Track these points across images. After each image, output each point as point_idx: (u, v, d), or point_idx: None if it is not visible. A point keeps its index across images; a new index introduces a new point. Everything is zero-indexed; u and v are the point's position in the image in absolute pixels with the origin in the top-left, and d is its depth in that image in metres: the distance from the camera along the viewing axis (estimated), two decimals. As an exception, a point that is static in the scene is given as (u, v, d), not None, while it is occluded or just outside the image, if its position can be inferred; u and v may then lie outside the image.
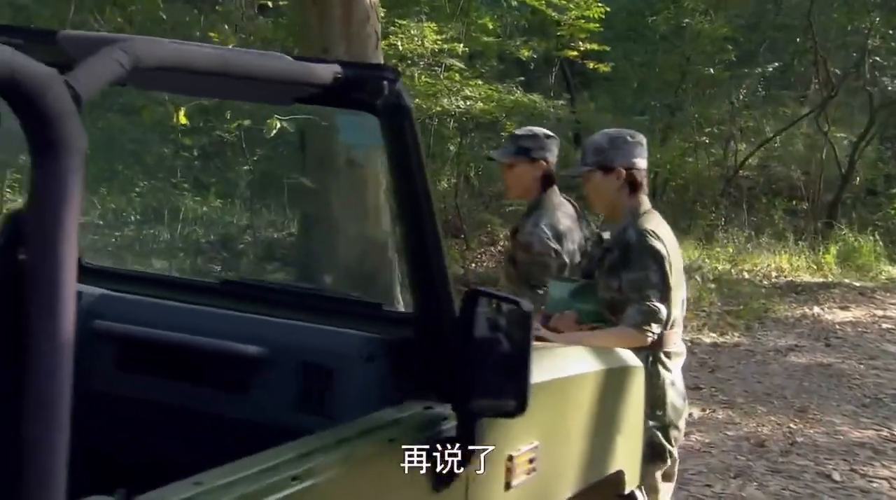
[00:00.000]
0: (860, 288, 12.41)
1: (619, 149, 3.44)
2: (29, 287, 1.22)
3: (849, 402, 7.13)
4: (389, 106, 1.83)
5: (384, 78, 1.84)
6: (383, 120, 1.85)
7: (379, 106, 1.83)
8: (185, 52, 1.54)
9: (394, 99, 1.83)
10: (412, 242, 1.93)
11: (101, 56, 1.44)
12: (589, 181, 3.51)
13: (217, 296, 2.26)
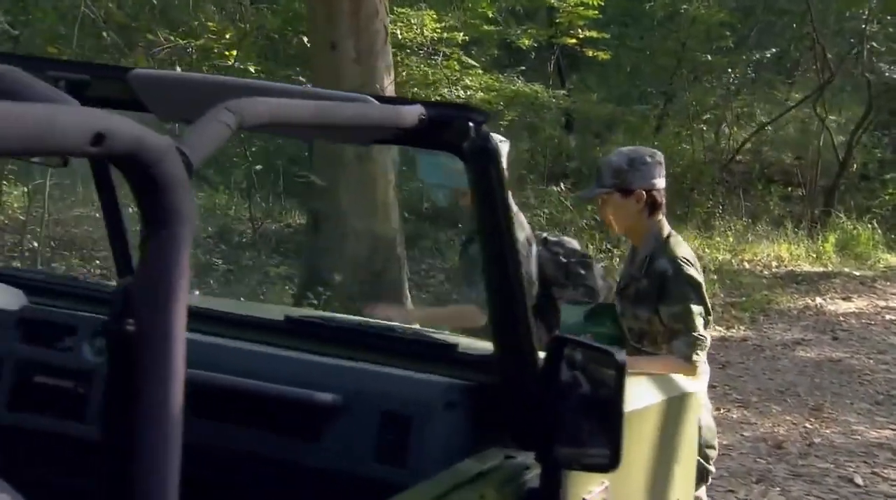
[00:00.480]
0: (860, 278, 12.39)
1: (638, 170, 3.33)
2: (138, 357, 1.18)
3: (862, 399, 7.08)
4: (476, 149, 1.73)
5: (470, 119, 1.74)
6: (469, 162, 1.76)
7: (465, 149, 1.74)
8: (285, 108, 1.47)
9: (481, 142, 1.73)
10: (495, 284, 1.85)
11: (210, 120, 1.36)
12: (607, 203, 3.41)
13: (281, 334, 2.16)
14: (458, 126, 1.74)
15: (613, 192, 3.34)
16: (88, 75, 1.98)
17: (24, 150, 1.10)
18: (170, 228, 1.18)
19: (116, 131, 1.18)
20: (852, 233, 14.07)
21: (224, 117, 1.37)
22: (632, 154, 3.40)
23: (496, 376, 1.93)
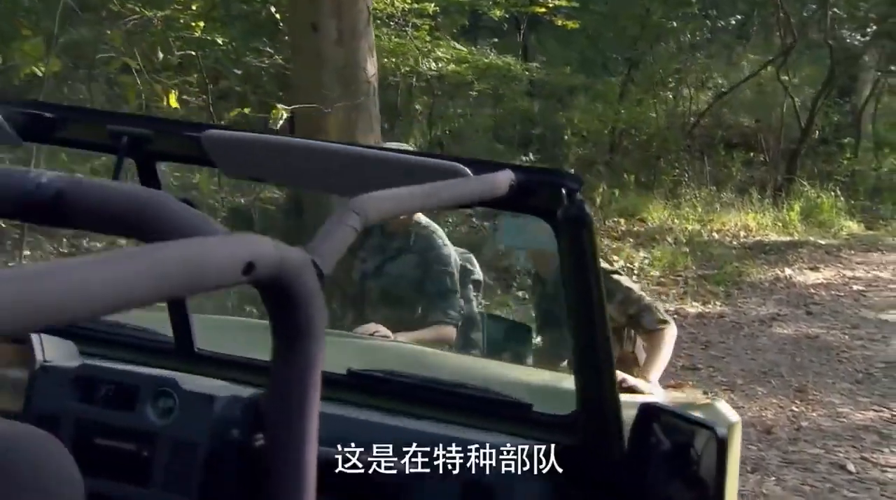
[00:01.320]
0: (826, 247, 12.55)
1: None
2: (270, 472, 1.14)
3: (843, 378, 7.17)
4: (570, 216, 1.68)
5: (563, 186, 1.69)
6: (561, 229, 1.70)
7: (559, 216, 1.69)
8: (403, 200, 1.41)
9: (575, 209, 1.68)
10: (581, 348, 1.80)
11: (338, 224, 1.30)
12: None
13: (344, 389, 2.09)
14: (551, 192, 1.70)
15: None
16: (151, 130, 1.90)
17: (182, 291, 1.04)
18: (303, 341, 1.14)
19: (263, 257, 1.12)
20: (816, 201, 14.22)
21: (351, 221, 1.31)
22: None
23: (577, 438, 1.89)
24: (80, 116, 2.00)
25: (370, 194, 1.38)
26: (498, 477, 1.87)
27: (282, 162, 1.84)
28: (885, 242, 13.59)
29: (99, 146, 1.99)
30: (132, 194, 1.17)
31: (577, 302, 1.77)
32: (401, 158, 1.72)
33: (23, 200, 1.18)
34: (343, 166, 1.76)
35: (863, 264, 11.91)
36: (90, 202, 1.17)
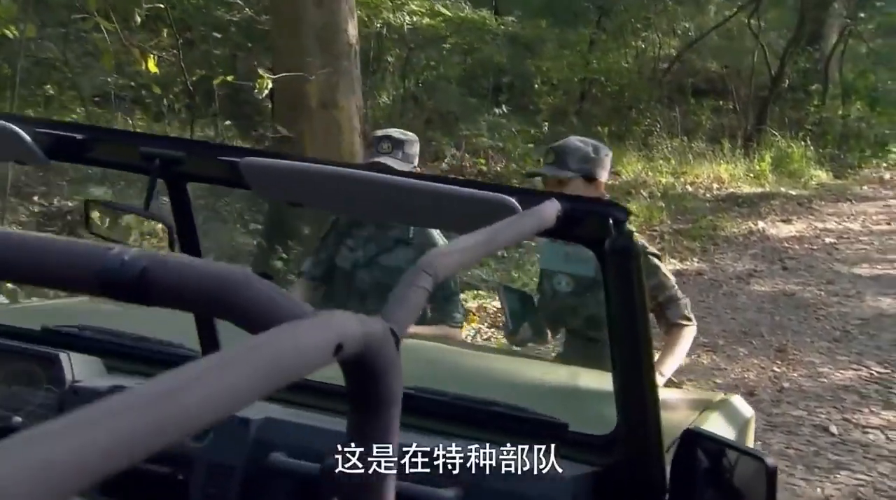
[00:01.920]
0: (797, 197, 12.66)
1: (601, 161, 3.37)
2: None
3: (821, 337, 7.28)
4: (618, 247, 1.68)
5: (610, 216, 1.68)
6: (608, 259, 1.70)
7: (606, 246, 1.68)
8: (468, 251, 1.40)
9: (623, 240, 1.67)
10: (624, 372, 1.80)
11: (410, 288, 1.29)
12: (566, 187, 3.33)
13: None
14: (597, 222, 1.69)
15: (578, 177, 3.32)
16: (183, 152, 1.86)
17: (282, 381, 1.04)
18: (382, 410, 1.13)
19: (350, 336, 1.11)
20: (786, 151, 14.30)
21: (423, 282, 1.30)
22: (595, 143, 3.43)
23: (616, 458, 1.90)
24: (111, 137, 1.96)
25: (438, 251, 1.37)
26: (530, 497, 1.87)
27: (321, 189, 1.81)
28: (853, 192, 13.73)
29: (129, 166, 1.95)
30: (216, 273, 1.15)
31: (622, 329, 1.76)
32: (445, 190, 1.69)
33: (108, 279, 1.16)
34: (387, 196, 1.74)
35: (833, 215, 12.03)
36: (174, 281, 1.15)
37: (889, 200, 13.28)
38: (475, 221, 2.00)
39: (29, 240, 1.19)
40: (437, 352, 2.87)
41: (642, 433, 1.83)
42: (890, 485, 5.02)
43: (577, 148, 3.34)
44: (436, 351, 2.89)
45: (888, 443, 5.52)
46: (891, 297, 8.41)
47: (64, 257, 1.19)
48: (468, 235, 1.44)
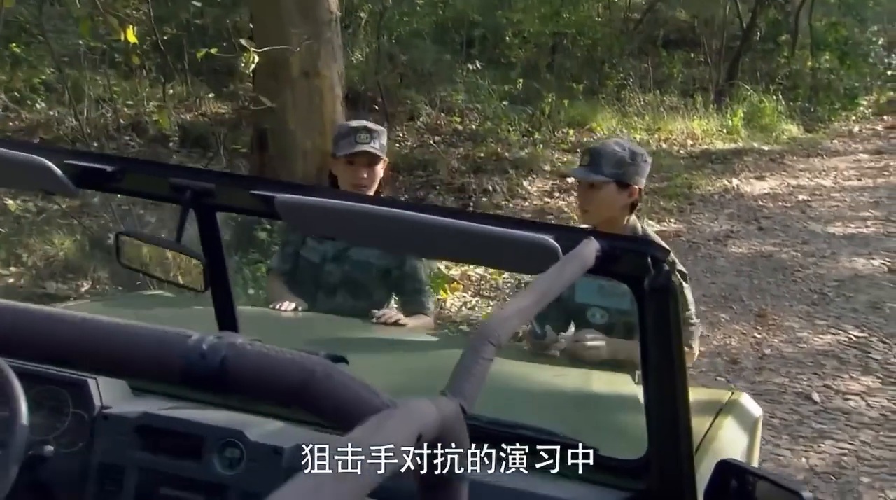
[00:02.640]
0: (769, 153, 12.75)
1: (639, 166, 3.32)
2: None
3: (799, 300, 7.39)
4: (657, 286, 1.70)
5: (650, 255, 1.70)
6: (647, 297, 1.72)
7: (646, 285, 1.70)
8: (524, 310, 1.42)
9: (662, 279, 1.69)
10: (659, 409, 1.83)
11: (475, 361, 1.30)
12: (598, 191, 3.32)
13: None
14: (636, 260, 1.70)
15: (611, 182, 3.29)
16: (213, 184, 1.85)
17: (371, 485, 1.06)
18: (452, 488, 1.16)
19: (429, 425, 1.13)
20: (758, 105, 14.36)
21: (488, 354, 1.31)
22: (635, 149, 3.37)
23: (649, 484, 1.94)
24: (141, 169, 1.94)
25: (497, 317, 1.37)
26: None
27: (357, 227, 1.81)
28: (823, 146, 13.85)
29: (160, 197, 1.94)
30: (296, 364, 1.16)
31: (658, 363, 1.79)
32: (485, 231, 1.69)
33: (188, 371, 1.17)
34: (426, 235, 1.74)
35: (805, 170, 12.14)
36: (254, 372, 1.16)
37: (859, 154, 13.41)
38: (515, 261, 2.02)
39: (105, 327, 1.18)
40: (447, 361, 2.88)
41: (674, 460, 1.86)
42: (872, 454, 5.13)
43: (613, 152, 3.29)
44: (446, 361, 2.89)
45: (868, 410, 5.64)
46: (864, 257, 8.53)
47: (142, 347, 1.19)
48: (521, 295, 1.45)
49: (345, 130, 3.56)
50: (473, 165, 10.53)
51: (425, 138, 11.30)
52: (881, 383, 5.99)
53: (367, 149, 3.49)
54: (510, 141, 11.36)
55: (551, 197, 10.01)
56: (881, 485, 4.83)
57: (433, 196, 9.64)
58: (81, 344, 1.19)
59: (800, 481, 4.12)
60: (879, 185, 11.42)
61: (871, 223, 9.67)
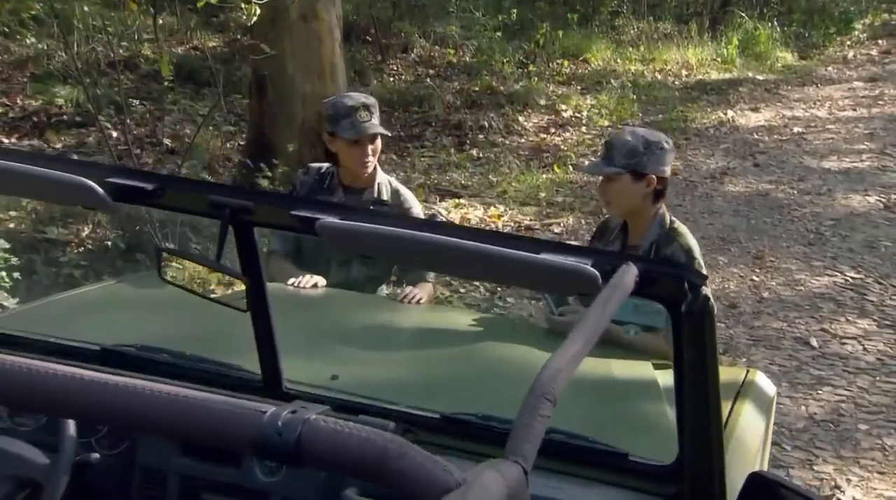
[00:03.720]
0: (764, 83, 12.71)
1: (654, 155, 3.28)
2: None
3: (796, 240, 7.45)
4: (695, 311, 1.74)
5: (687, 280, 1.74)
6: (684, 319, 1.76)
7: (683, 309, 1.74)
8: (576, 357, 1.45)
9: (700, 304, 1.73)
10: (691, 422, 1.88)
11: (533, 418, 1.36)
12: (614, 183, 3.33)
13: (436, 433, 2.15)
14: (673, 284, 1.73)
15: (624, 173, 3.28)
16: (251, 202, 1.87)
17: None
18: None
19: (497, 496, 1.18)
20: (753, 33, 14.26)
21: (545, 411, 1.35)
22: (649, 138, 3.32)
23: (680, 488, 1.99)
24: (181, 186, 1.96)
25: (550, 370, 1.40)
26: None
27: (399, 251, 1.84)
28: (818, 74, 13.80)
29: (198, 212, 1.96)
30: (371, 442, 1.20)
31: (693, 380, 1.83)
32: (525, 258, 1.72)
33: (265, 446, 1.21)
34: (467, 260, 1.76)
35: (800, 101, 12.12)
36: (329, 448, 1.20)
37: (853, 82, 13.37)
38: (556, 286, 2.05)
39: (182, 401, 1.22)
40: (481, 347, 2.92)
41: (707, 467, 1.91)
42: (870, 400, 5.25)
43: (625, 142, 3.28)
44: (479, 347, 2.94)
45: (865, 354, 5.74)
46: (860, 194, 8.58)
47: (218, 421, 1.23)
48: (569, 344, 1.48)
49: (343, 110, 3.57)
50: (468, 100, 10.48)
51: (419, 72, 11.23)
52: (877, 326, 6.09)
53: (372, 130, 3.56)
54: (504, 74, 11.29)
55: (547, 132, 10.00)
56: (878, 432, 4.94)
57: (429, 133, 9.61)
58: (158, 417, 1.23)
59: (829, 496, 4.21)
60: (874, 115, 11.42)
61: (866, 157, 9.70)
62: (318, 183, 3.74)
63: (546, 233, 7.46)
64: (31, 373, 1.21)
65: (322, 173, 3.75)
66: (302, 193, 3.72)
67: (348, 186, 3.73)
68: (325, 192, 3.71)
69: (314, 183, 3.73)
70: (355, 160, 3.60)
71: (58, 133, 9.39)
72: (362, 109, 3.55)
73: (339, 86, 7.08)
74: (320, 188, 3.72)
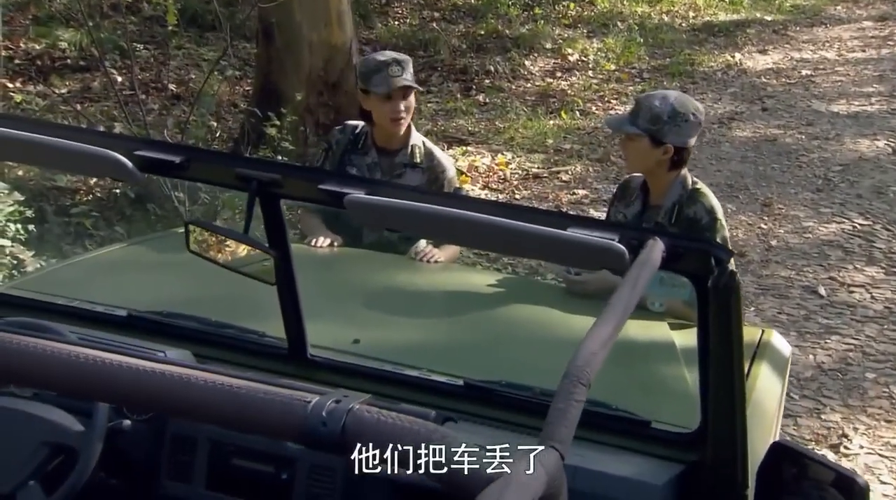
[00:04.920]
0: (772, 23, 12.59)
1: (677, 126, 3.27)
2: None
3: (804, 187, 7.45)
4: (721, 286, 1.76)
5: (714, 255, 1.75)
6: (710, 294, 1.78)
7: (710, 284, 1.76)
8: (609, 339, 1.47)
9: (726, 280, 1.75)
10: (716, 394, 1.90)
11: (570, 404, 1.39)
12: (632, 142, 3.34)
13: (459, 400, 2.18)
14: (699, 259, 1.75)
15: (644, 136, 3.28)
16: (279, 174, 1.89)
17: None
18: None
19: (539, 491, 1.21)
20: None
21: (579, 395, 1.38)
22: (678, 106, 3.29)
23: (702, 455, 2.03)
24: (208, 158, 1.97)
25: (584, 354, 1.42)
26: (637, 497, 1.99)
27: (427, 226, 1.85)
28: (827, 14, 13.64)
29: (225, 184, 1.98)
30: (416, 430, 1.23)
31: (717, 353, 1.85)
32: (553, 234, 1.73)
33: (311, 436, 1.24)
34: (496, 236, 1.77)
35: (809, 42, 12.01)
36: (374, 437, 1.23)
37: (863, 21, 13.23)
38: (583, 261, 2.06)
39: (227, 388, 1.25)
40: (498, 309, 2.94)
41: (729, 435, 1.93)
42: (877, 348, 5.30)
43: (651, 107, 3.27)
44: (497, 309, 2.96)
45: (873, 302, 5.78)
46: (868, 138, 8.55)
47: (265, 411, 1.26)
48: (600, 325, 1.49)
49: (373, 65, 3.57)
50: (474, 44, 10.40)
51: (424, 15, 11.13)
52: (885, 274, 6.13)
53: (404, 83, 3.54)
54: (510, 16, 11.19)
55: (553, 77, 9.93)
56: (885, 380, 5.00)
57: (435, 78, 9.56)
58: (205, 406, 1.26)
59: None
60: (884, 56, 11.33)
61: (875, 100, 9.65)
62: (353, 142, 3.73)
63: (554, 181, 7.45)
64: (80, 361, 1.24)
65: (357, 133, 3.74)
66: (337, 151, 3.73)
67: (382, 148, 3.73)
68: (359, 151, 3.72)
69: (349, 142, 3.73)
70: (387, 116, 3.59)
71: (62, 78, 9.35)
72: (394, 64, 3.55)
73: (347, 34, 7.03)
74: (354, 147, 3.72)
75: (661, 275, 3.10)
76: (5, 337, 1.24)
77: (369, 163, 3.72)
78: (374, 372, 2.22)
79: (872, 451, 4.43)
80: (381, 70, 3.53)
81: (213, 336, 2.35)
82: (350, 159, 3.72)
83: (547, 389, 2.19)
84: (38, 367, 1.24)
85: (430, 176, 3.72)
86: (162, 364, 1.27)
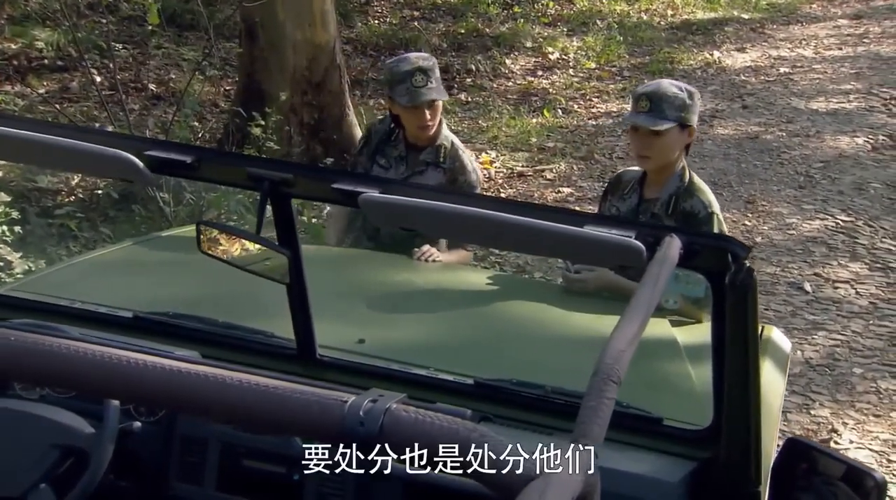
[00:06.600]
0: (749, 21, 12.66)
1: (695, 105, 3.35)
2: None
3: (787, 184, 7.49)
4: (738, 282, 1.76)
5: (730, 251, 1.76)
6: (727, 291, 1.78)
7: (727, 280, 1.76)
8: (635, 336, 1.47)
9: (743, 277, 1.75)
10: (731, 391, 1.90)
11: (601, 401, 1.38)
12: (662, 137, 3.30)
13: (472, 399, 2.17)
14: (716, 256, 1.75)
15: (675, 125, 3.29)
16: (291, 174, 1.88)
17: None
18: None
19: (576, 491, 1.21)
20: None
21: (610, 393, 1.38)
22: (687, 87, 3.38)
23: (715, 452, 2.03)
24: (218, 159, 1.96)
25: (612, 352, 1.42)
26: (652, 494, 1.99)
27: (443, 225, 1.85)
28: (802, 12, 13.72)
29: (236, 184, 1.96)
30: (454, 430, 1.22)
31: (733, 349, 1.86)
32: (570, 232, 1.72)
33: (349, 436, 1.23)
34: (512, 234, 1.77)
35: (786, 40, 12.08)
36: (412, 436, 1.22)
37: (838, 20, 13.33)
38: (601, 259, 2.06)
39: (263, 388, 1.23)
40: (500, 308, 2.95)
41: (744, 431, 1.93)
42: (864, 343, 5.33)
43: (674, 95, 3.29)
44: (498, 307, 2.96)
45: (858, 298, 5.82)
46: (848, 135, 8.61)
47: (302, 412, 1.25)
48: (625, 323, 1.49)
49: (399, 75, 3.58)
50: (455, 43, 10.41)
51: (404, 14, 11.12)
52: (868, 270, 6.17)
53: (428, 97, 3.57)
54: (490, 15, 11.20)
55: (535, 75, 9.95)
56: (873, 375, 5.04)
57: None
58: (243, 408, 1.25)
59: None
60: (860, 54, 11.41)
61: (853, 97, 9.72)
62: (388, 134, 3.84)
63: (539, 179, 7.47)
64: (112, 362, 1.22)
65: (392, 126, 3.82)
66: (374, 139, 3.84)
67: (411, 144, 3.81)
68: (392, 144, 3.83)
69: (385, 133, 3.83)
70: (413, 125, 3.67)
71: (40, 78, 9.26)
72: (418, 73, 3.56)
73: (331, 33, 7.01)
74: (388, 139, 3.83)
75: (676, 273, 3.12)
76: (38, 339, 1.23)
77: (396, 156, 3.83)
78: (383, 372, 2.22)
79: (862, 445, 4.46)
80: (404, 80, 3.55)
81: (220, 337, 2.33)
82: (382, 150, 3.84)
83: (558, 387, 2.19)
84: (69, 368, 1.23)
85: (449, 176, 3.75)
86: (196, 365, 1.26)
